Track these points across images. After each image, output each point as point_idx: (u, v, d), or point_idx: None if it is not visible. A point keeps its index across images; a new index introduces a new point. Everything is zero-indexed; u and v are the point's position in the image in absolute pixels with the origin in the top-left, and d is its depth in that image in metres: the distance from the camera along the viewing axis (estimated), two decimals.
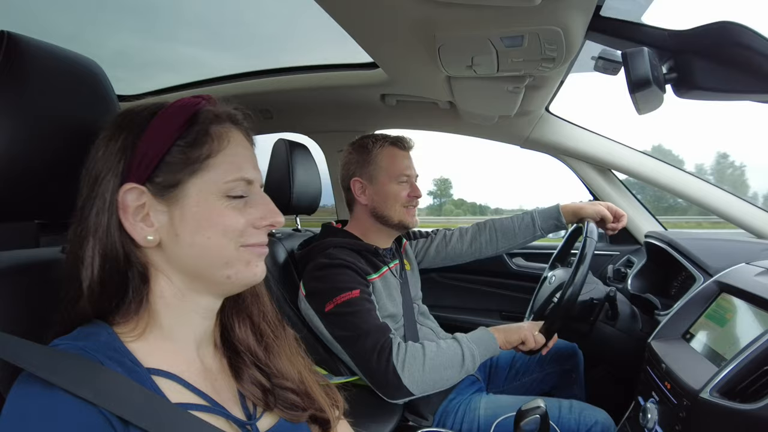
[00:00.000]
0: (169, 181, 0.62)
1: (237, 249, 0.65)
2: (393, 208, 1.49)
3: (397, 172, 1.50)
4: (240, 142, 0.68)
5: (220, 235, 0.64)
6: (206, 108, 0.66)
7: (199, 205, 0.63)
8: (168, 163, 0.62)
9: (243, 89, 2.03)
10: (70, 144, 0.73)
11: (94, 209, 0.61)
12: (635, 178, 1.95)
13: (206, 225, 0.63)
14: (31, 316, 0.67)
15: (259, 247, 0.69)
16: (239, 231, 0.65)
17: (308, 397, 0.78)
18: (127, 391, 0.54)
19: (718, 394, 0.92)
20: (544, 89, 1.52)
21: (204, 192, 0.63)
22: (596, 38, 1.09)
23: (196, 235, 0.63)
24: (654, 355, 1.17)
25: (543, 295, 1.66)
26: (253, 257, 0.68)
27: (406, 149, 1.55)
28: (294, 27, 2.31)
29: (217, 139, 0.65)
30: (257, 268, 0.69)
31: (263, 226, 0.68)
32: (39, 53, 0.72)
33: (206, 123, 0.65)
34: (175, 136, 0.63)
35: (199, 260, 0.64)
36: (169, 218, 0.63)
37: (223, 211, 0.64)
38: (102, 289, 0.61)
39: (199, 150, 0.63)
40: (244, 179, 0.66)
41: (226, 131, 0.66)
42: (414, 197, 1.52)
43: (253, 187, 0.68)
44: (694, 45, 0.92)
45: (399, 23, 1.10)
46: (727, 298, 1.18)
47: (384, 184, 1.50)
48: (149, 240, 0.62)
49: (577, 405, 1.36)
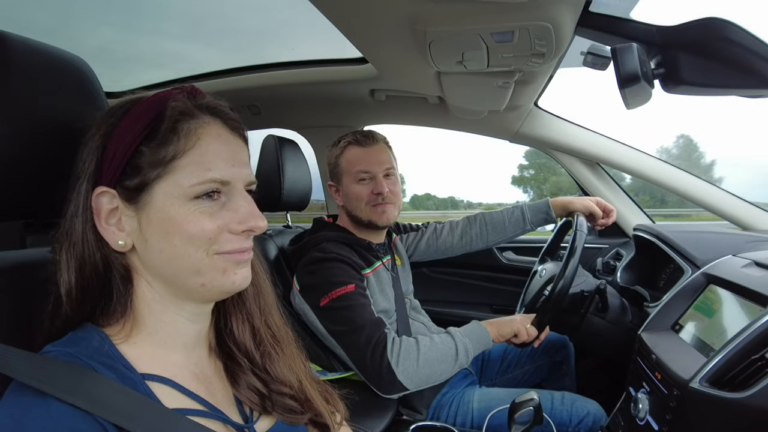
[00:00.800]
0: (135, 184, 0.59)
1: (210, 256, 0.61)
2: (359, 208, 1.49)
3: (356, 171, 1.48)
4: (215, 138, 0.62)
5: (186, 241, 0.59)
6: (173, 103, 0.61)
7: (163, 210, 0.59)
8: (134, 166, 0.59)
9: (231, 85, 2.01)
10: (57, 142, 0.72)
11: (71, 212, 0.60)
12: (623, 171, 1.97)
13: (172, 231, 0.59)
14: (21, 319, 0.66)
15: (237, 254, 0.63)
16: (208, 238, 0.60)
17: (307, 402, 0.76)
18: (122, 398, 0.53)
19: (708, 384, 0.94)
20: (533, 84, 1.53)
21: (169, 196, 0.59)
22: (585, 34, 1.10)
23: (163, 241, 0.59)
24: (644, 347, 1.18)
25: (534, 288, 1.68)
26: (230, 265, 0.62)
27: (366, 145, 1.50)
28: (279, 21, 2.29)
29: (185, 137, 0.60)
30: (236, 276, 0.63)
31: (241, 231, 0.63)
32: (24, 50, 0.70)
33: (172, 121, 0.60)
34: (141, 135, 0.59)
35: (169, 267, 0.61)
36: (138, 223, 0.60)
37: (188, 216, 0.59)
38: (83, 293, 0.60)
39: (164, 151, 0.59)
40: (213, 180, 0.60)
41: (197, 127, 0.61)
42: (377, 194, 1.47)
43: (230, 188, 0.63)
44: (681, 40, 0.94)
45: (390, 19, 1.10)
46: (715, 290, 1.20)
47: (347, 185, 1.50)
48: (120, 245, 0.60)
49: (569, 396, 1.38)
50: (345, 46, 1.35)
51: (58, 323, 0.60)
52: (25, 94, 0.69)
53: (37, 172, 0.71)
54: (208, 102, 0.65)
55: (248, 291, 0.74)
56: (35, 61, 0.72)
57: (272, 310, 0.78)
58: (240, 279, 0.64)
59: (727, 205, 1.81)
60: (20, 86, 0.69)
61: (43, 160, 0.71)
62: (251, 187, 0.67)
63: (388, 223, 1.51)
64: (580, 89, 2.75)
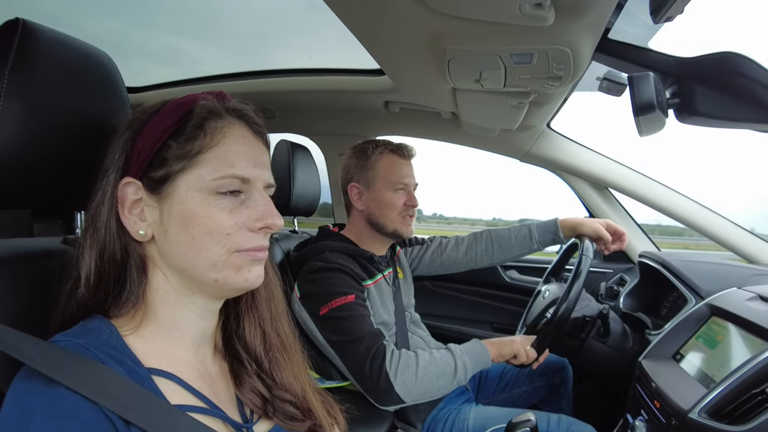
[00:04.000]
0: (160, 176, 0.62)
1: (229, 254, 0.62)
2: (388, 216, 1.49)
3: (394, 180, 1.49)
4: (240, 138, 0.65)
5: (205, 235, 0.61)
6: (203, 102, 0.64)
7: (185, 202, 0.61)
8: (161, 158, 0.62)
9: (247, 87, 2.03)
10: (79, 134, 0.74)
11: (97, 201, 0.63)
12: (632, 197, 1.97)
13: (192, 223, 0.61)
14: (30, 307, 0.67)
15: (255, 252, 0.65)
16: (226, 233, 0.62)
17: (309, 412, 0.76)
18: (127, 392, 0.54)
19: (707, 415, 0.94)
20: (547, 106, 1.54)
21: (192, 189, 0.61)
22: (603, 60, 1.11)
23: (182, 233, 0.61)
24: (644, 374, 1.18)
25: (536, 309, 1.68)
26: (246, 262, 0.64)
27: (406, 157, 1.54)
28: (296, 27, 2.31)
29: (210, 134, 0.62)
30: (250, 274, 0.65)
31: (258, 228, 0.64)
32: (52, 43, 0.72)
33: (200, 118, 0.63)
34: (170, 131, 0.62)
35: (186, 259, 0.62)
36: (159, 214, 0.63)
37: (209, 210, 0.61)
38: (99, 279, 0.62)
39: (190, 145, 0.62)
40: (235, 176, 0.62)
41: (222, 126, 0.64)
42: (410, 206, 1.50)
43: (250, 186, 0.65)
44: (698, 72, 0.95)
45: (411, 35, 1.11)
46: (718, 321, 1.20)
47: (380, 191, 1.49)
48: (141, 234, 0.63)
49: (565, 420, 1.37)
50: (361, 57, 1.37)
51: (73, 306, 0.62)
52: (50, 85, 0.71)
53: (57, 162, 0.72)
54: (234, 105, 0.68)
55: (261, 294, 0.75)
56: (64, 54, 0.74)
57: (282, 318, 0.79)
58: (253, 277, 0.65)
59: (734, 237, 1.81)
60: (45, 77, 0.70)
61: (65, 152, 0.73)
62: (270, 190, 0.69)
63: (411, 235, 1.54)
64: (594, 113, 2.76)
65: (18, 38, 0.67)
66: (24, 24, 0.68)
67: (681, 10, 0.80)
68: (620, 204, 2.11)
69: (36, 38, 0.69)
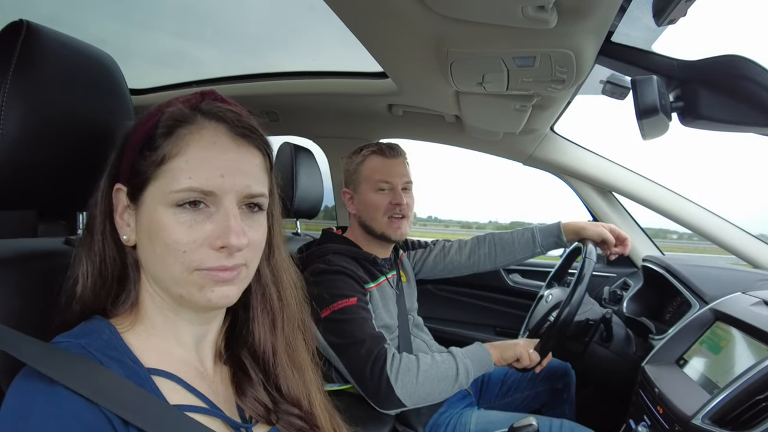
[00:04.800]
0: (137, 185, 0.61)
1: (188, 272, 0.59)
2: (374, 218, 1.47)
3: (376, 180, 1.47)
4: (210, 145, 0.60)
5: (164, 250, 0.58)
6: (169, 109, 0.62)
7: (150, 213, 0.59)
8: (137, 167, 0.60)
9: (250, 90, 2.04)
10: (82, 136, 0.74)
11: (93, 203, 0.64)
12: (636, 201, 1.96)
13: (154, 237, 0.59)
14: (33, 306, 0.67)
15: (216, 272, 0.59)
16: (182, 251, 0.58)
17: (314, 428, 0.75)
18: (127, 392, 0.54)
19: (710, 422, 0.93)
20: (550, 109, 1.54)
21: (155, 201, 0.59)
22: (606, 63, 1.11)
23: (149, 244, 0.60)
24: (647, 379, 1.17)
25: (539, 313, 1.67)
26: (208, 282, 0.60)
27: (390, 156, 1.50)
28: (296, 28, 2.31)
29: (174, 142, 0.59)
30: (213, 294, 0.60)
31: (218, 247, 0.59)
32: (56, 44, 0.72)
33: (166, 126, 0.60)
34: (144, 140, 0.61)
35: (155, 270, 0.61)
36: (135, 222, 0.62)
37: (168, 224, 0.58)
38: (98, 279, 0.63)
39: (155, 155, 0.59)
40: (191, 189, 0.58)
41: (188, 133, 0.60)
42: (395, 204, 1.46)
43: (217, 199, 0.60)
44: (701, 76, 0.94)
45: (414, 38, 1.11)
46: (722, 327, 1.19)
47: (365, 193, 1.49)
48: (125, 239, 0.63)
49: (568, 425, 1.36)
50: (365, 59, 1.37)
51: (73, 305, 0.62)
52: (53, 87, 0.71)
53: (60, 164, 0.73)
54: (211, 107, 0.63)
55: (274, 306, 0.74)
56: (65, 55, 0.74)
57: (296, 331, 0.77)
58: (216, 297, 0.61)
59: (739, 241, 1.80)
60: (49, 79, 0.70)
61: (68, 153, 0.73)
62: (255, 200, 0.64)
63: (402, 237, 1.51)
64: (598, 117, 2.75)
65: (22, 40, 0.68)
66: (28, 25, 0.69)
67: (684, 13, 0.80)
68: (624, 208, 2.10)
69: (39, 40, 0.69)
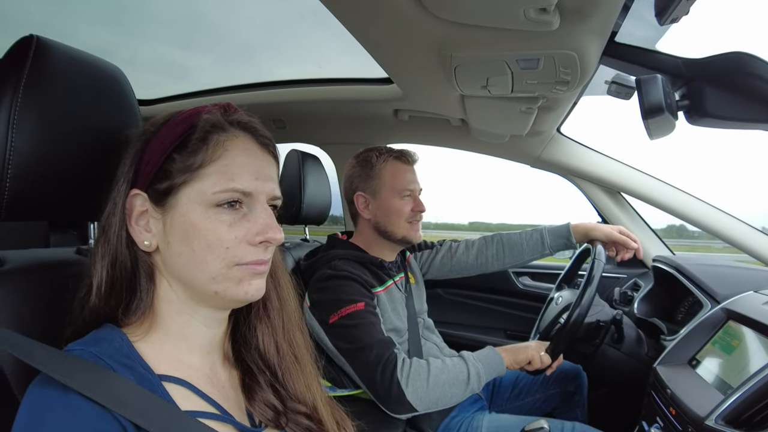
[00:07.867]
0: (164, 188, 0.63)
1: (228, 267, 0.63)
2: (396, 223, 1.49)
3: (401, 187, 1.49)
4: (243, 151, 0.66)
5: (205, 248, 0.62)
6: (206, 116, 0.65)
7: (186, 214, 0.62)
8: (165, 171, 0.63)
9: (257, 99, 2.05)
10: (92, 147, 0.75)
11: (108, 211, 0.65)
12: (645, 201, 1.95)
13: (192, 236, 0.62)
14: (45, 315, 0.69)
15: (255, 265, 0.65)
16: (225, 247, 0.62)
17: (320, 424, 0.76)
18: (139, 398, 0.55)
19: (724, 422, 0.92)
20: (556, 111, 1.54)
21: (193, 202, 0.62)
22: (610, 63, 1.11)
23: (183, 245, 0.62)
24: (659, 380, 1.16)
25: (549, 315, 1.66)
26: (246, 275, 0.65)
27: (409, 163, 1.54)
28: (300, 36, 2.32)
29: (213, 147, 0.63)
30: (250, 287, 0.65)
31: (258, 242, 0.65)
32: (65, 58, 0.73)
33: (203, 132, 0.64)
34: (174, 144, 0.63)
35: (187, 270, 0.63)
36: (163, 225, 0.64)
37: (209, 223, 0.62)
38: (111, 288, 0.63)
39: (192, 159, 0.62)
40: (235, 190, 0.63)
41: (225, 140, 0.64)
42: (418, 212, 1.51)
43: (252, 200, 0.65)
44: (707, 73, 0.94)
45: (418, 43, 1.12)
46: (735, 326, 1.18)
47: (387, 199, 1.49)
48: (146, 245, 0.64)
49: (580, 427, 1.35)
50: (369, 65, 1.38)
51: (86, 314, 0.63)
52: (63, 100, 0.72)
53: (71, 175, 0.74)
54: (239, 118, 0.68)
55: (274, 304, 0.76)
56: (77, 69, 0.75)
57: (295, 328, 0.79)
58: (253, 290, 0.66)
59: (751, 239, 1.78)
60: (59, 92, 0.72)
61: (79, 165, 0.74)
62: (275, 202, 0.70)
63: (420, 240, 1.54)
64: (604, 117, 2.74)
65: (32, 54, 0.69)
66: (38, 40, 0.70)
67: (686, 11, 0.80)
68: (633, 208, 2.08)
69: (49, 54, 0.71)
